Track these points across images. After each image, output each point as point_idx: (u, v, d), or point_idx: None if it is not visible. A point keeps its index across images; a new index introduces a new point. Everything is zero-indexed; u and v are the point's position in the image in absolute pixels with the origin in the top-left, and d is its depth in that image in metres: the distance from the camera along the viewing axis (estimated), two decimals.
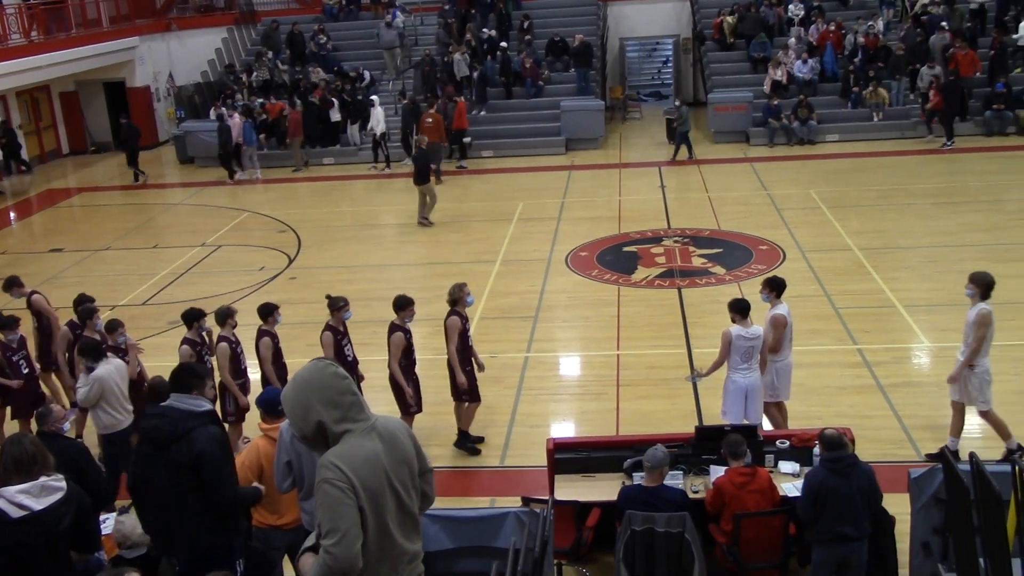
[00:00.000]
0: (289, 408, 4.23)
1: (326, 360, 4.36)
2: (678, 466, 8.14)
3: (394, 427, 4.36)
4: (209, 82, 30.72)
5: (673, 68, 34.54)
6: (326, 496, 4.07)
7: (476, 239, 18.82)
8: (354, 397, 4.24)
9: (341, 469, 4.07)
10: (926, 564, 7.04)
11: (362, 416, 4.24)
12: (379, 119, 25.05)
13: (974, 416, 10.56)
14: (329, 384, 4.19)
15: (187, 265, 18.16)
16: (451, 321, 10.13)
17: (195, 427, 5.74)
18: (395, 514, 4.24)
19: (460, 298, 10.24)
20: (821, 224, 18.10)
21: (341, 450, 4.15)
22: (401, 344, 10.04)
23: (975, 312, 9.32)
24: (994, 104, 24.64)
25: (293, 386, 4.24)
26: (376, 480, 4.14)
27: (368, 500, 4.10)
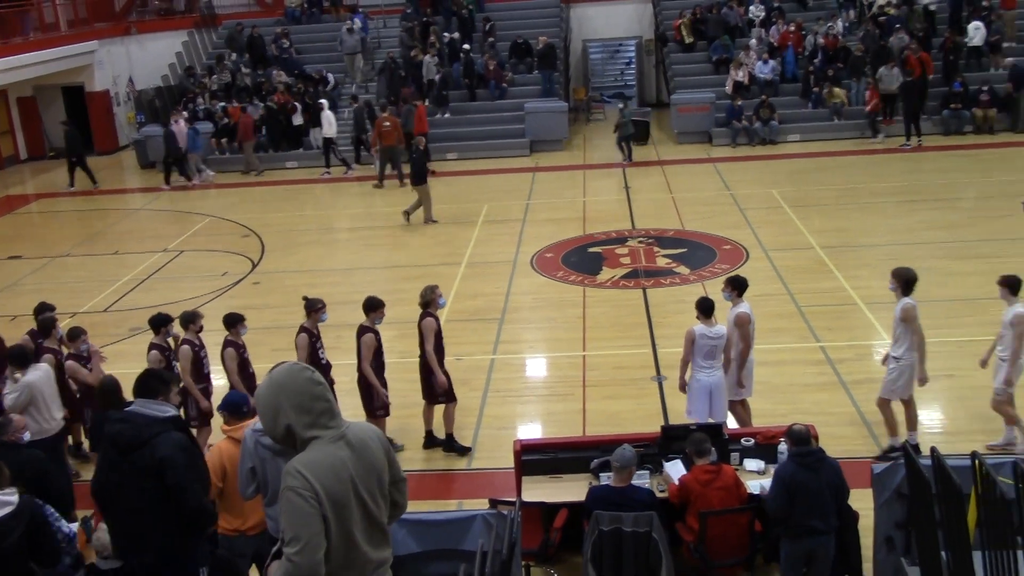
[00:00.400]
0: (260, 408, 4.20)
1: (302, 364, 4.32)
2: (645, 466, 8.17)
3: (366, 435, 4.31)
4: (170, 86, 30.45)
5: (636, 70, 34.69)
6: (289, 504, 4.03)
7: (441, 241, 18.80)
8: (326, 404, 4.20)
9: (305, 477, 4.03)
10: (889, 558, 7.12)
11: (333, 424, 4.20)
12: (330, 123, 24.90)
13: (935, 412, 10.72)
14: (302, 389, 4.15)
15: (149, 271, 17.98)
16: (426, 323, 10.11)
17: (159, 433, 5.67)
18: (361, 523, 4.20)
19: (432, 300, 10.23)
20: (783, 223, 18.26)
21: (307, 457, 4.11)
22: (372, 345, 10.01)
23: (900, 308, 9.48)
24: (951, 103, 24.99)
25: (266, 387, 4.20)
26: (341, 489, 4.10)
27: (332, 509, 4.06)
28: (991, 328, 12.62)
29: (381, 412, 10.21)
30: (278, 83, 27.91)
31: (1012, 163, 22.05)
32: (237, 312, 10.31)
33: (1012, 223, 17.25)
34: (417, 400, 10.97)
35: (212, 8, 33.31)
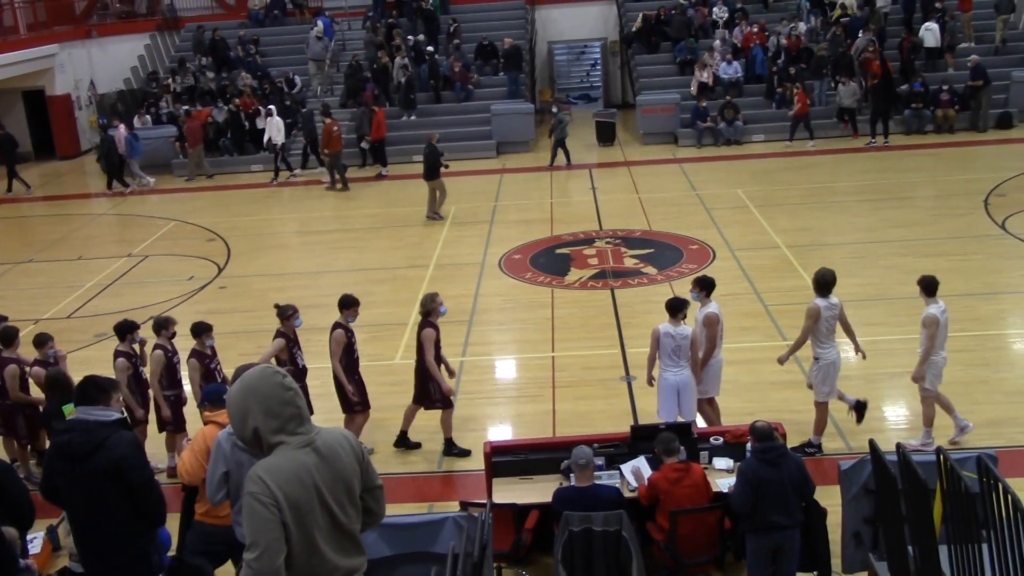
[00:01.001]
0: (231, 410, 4.17)
1: (274, 367, 4.29)
2: (615, 466, 8.21)
3: (336, 442, 4.25)
4: (132, 89, 30.18)
5: (601, 71, 34.81)
6: (249, 509, 4.01)
7: (409, 244, 18.76)
8: (295, 409, 4.16)
9: (266, 483, 4.00)
10: (857, 553, 7.19)
11: (301, 430, 4.16)
12: (278, 129, 24.62)
13: (900, 408, 10.84)
14: (272, 393, 4.12)
15: (113, 276, 17.79)
16: (426, 333, 10.05)
17: (110, 435, 5.72)
18: (326, 531, 4.16)
19: (433, 309, 10.18)
20: (749, 223, 18.40)
21: (269, 463, 4.08)
22: (342, 341, 9.99)
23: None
24: (912, 103, 25.30)
25: (238, 388, 4.17)
26: (304, 496, 4.06)
27: (292, 515, 4.03)
28: (955, 325, 12.73)
29: (359, 407, 10.17)
30: (243, 86, 27.73)
31: (973, 162, 22.37)
32: (204, 322, 10.18)
33: (973, 221, 17.49)
34: (386, 403, 10.96)
35: (174, 11, 33.01)
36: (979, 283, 14.46)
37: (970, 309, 13.39)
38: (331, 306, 14.34)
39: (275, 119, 24.74)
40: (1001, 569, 4.59)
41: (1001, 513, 4.47)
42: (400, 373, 12.44)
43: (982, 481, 4.64)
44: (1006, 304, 13.96)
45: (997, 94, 25.41)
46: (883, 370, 11.61)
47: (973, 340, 12.44)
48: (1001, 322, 13.31)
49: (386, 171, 25.00)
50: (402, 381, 12.15)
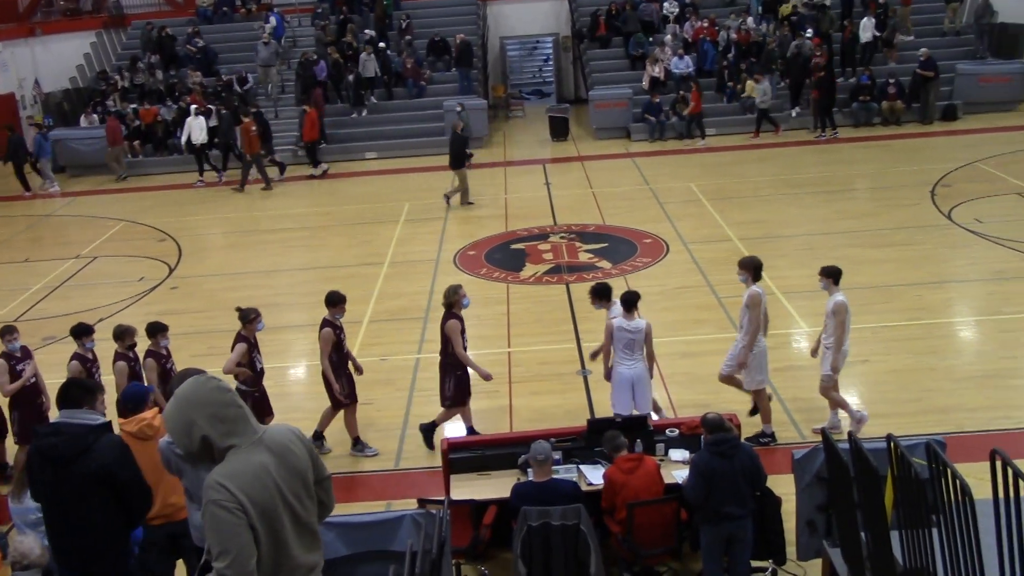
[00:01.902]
0: (171, 427, 4.09)
1: (206, 375, 4.24)
2: (572, 459, 8.23)
3: (285, 438, 4.24)
4: (78, 88, 29.68)
5: (554, 66, 34.87)
6: (214, 518, 3.96)
7: (362, 241, 18.65)
8: (239, 410, 4.13)
9: (228, 488, 3.96)
10: (812, 541, 7.28)
11: (248, 430, 4.13)
12: (200, 128, 24.31)
13: (852, 396, 10.97)
14: (212, 399, 4.07)
15: (61, 278, 17.49)
16: (451, 324, 10.01)
17: (96, 439, 5.67)
18: (291, 527, 4.15)
19: (456, 301, 10.13)
20: (702, 216, 18.54)
21: (227, 468, 4.04)
22: (330, 339, 9.96)
23: (747, 295, 9.75)
24: (860, 96, 25.64)
25: (174, 404, 4.10)
26: (267, 495, 4.04)
27: (259, 517, 4.01)
28: (904, 314, 13.05)
29: (346, 402, 10.18)
30: (192, 84, 27.38)
31: (920, 153, 22.73)
32: (160, 322, 10.04)
33: (920, 211, 17.78)
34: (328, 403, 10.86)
35: (120, 8, 32.52)
36: (926, 272, 14.70)
37: (918, 298, 13.61)
38: (285, 305, 14.29)
39: (197, 119, 24.39)
40: (950, 552, 4.67)
41: (950, 498, 4.55)
42: None
43: (931, 467, 4.71)
44: (953, 292, 14.21)
45: (943, 86, 25.84)
46: None
47: (921, 328, 12.65)
48: (948, 310, 13.55)
49: (317, 171, 24.51)
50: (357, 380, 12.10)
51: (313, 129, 24.47)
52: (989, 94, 25.89)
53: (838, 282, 9.80)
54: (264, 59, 27.78)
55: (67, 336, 10.15)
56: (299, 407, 11.37)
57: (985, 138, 23.40)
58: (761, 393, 9.99)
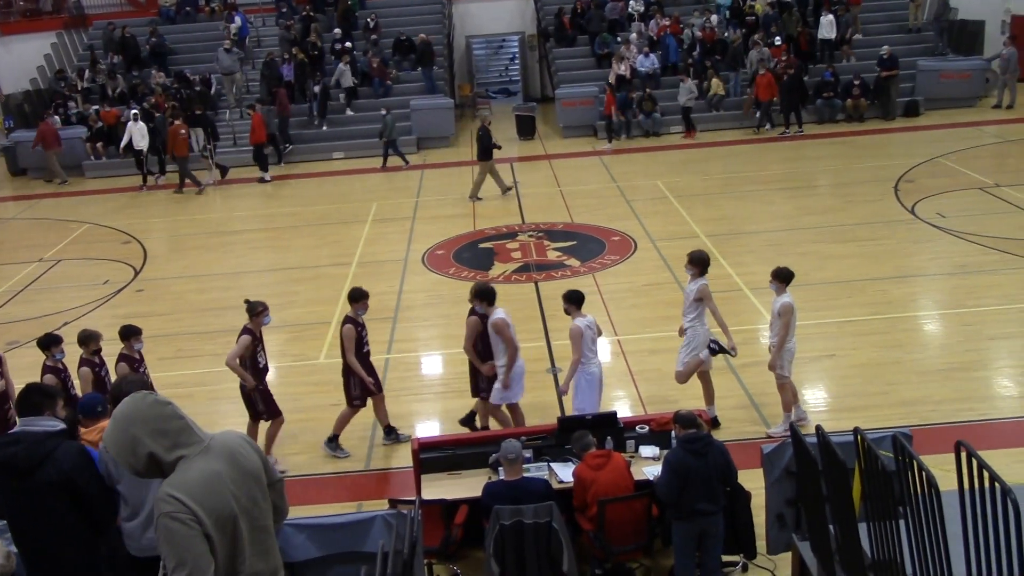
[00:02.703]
0: (115, 448, 4.02)
1: (143, 392, 4.18)
2: (543, 457, 8.25)
3: (233, 443, 4.20)
4: (39, 89, 29.31)
5: (520, 65, 34.89)
6: (167, 531, 3.90)
7: (330, 242, 18.57)
8: (181, 421, 4.07)
9: (180, 500, 3.90)
10: (781, 535, 7.33)
11: (194, 439, 4.08)
12: (141, 134, 24.01)
13: (818, 391, 11.09)
14: (152, 414, 4.01)
15: (24, 282, 17.27)
16: (472, 321, 10.05)
17: (57, 446, 5.56)
18: (248, 533, 4.10)
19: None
20: (669, 213, 18.63)
21: (178, 479, 3.98)
22: (352, 336, 9.92)
23: (695, 288, 9.94)
24: (824, 93, 25.88)
25: (114, 425, 4.02)
26: (221, 503, 4.00)
27: (215, 526, 3.96)
28: (869, 308, 13.18)
29: (358, 403, 10.16)
30: (155, 84, 27.12)
31: (883, 149, 22.99)
32: (134, 325, 9.91)
33: (884, 207, 17.97)
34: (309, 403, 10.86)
35: (81, 8, 32.14)
36: (890, 267, 14.86)
37: (882, 292, 13.76)
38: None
39: (138, 124, 24.08)
40: (917, 543, 4.72)
41: (916, 490, 4.60)
42: (324, 373, 12.32)
43: (898, 459, 4.76)
44: (917, 287, 14.38)
45: (904, 83, 26.14)
46: (800, 355, 11.82)
47: (886, 323, 12.78)
48: (912, 304, 13.70)
49: (267, 176, 24.23)
50: (327, 381, 12.05)
51: (258, 131, 24.13)
52: (950, 90, 26.24)
53: (787, 283, 9.88)
54: (226, 67, 27.36)
55: (31, 341, 10.02)
56: None
57: (946, 134, 23.70)
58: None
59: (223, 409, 10.91)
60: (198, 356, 10.80)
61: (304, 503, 8.83)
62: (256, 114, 24.34)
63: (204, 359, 11.06)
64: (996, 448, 9.06)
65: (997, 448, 9.08)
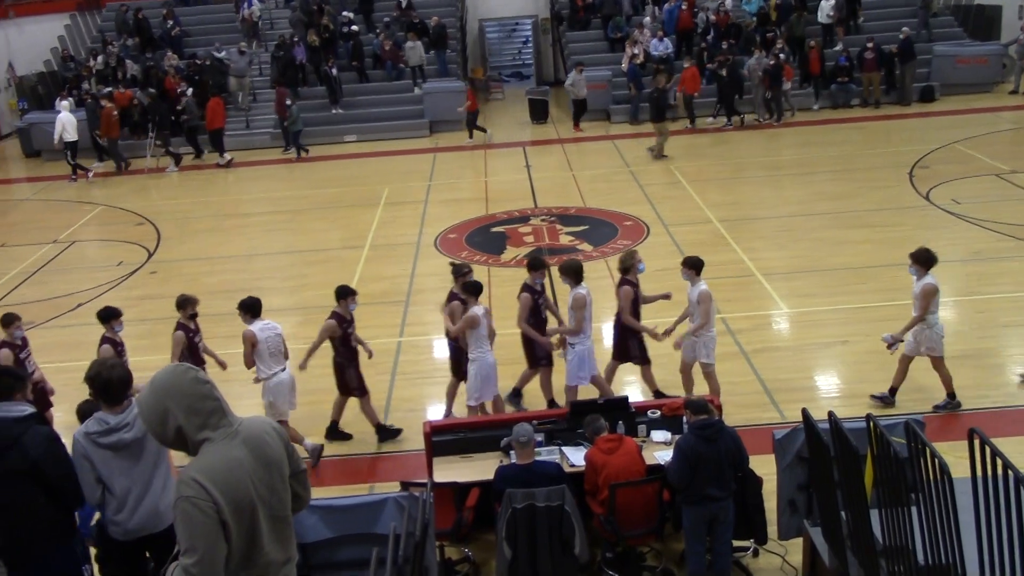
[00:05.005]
0: (146, 415, 4.05)
1: (185, 365, 4.21)
2: (554, 441, 8.26)
3: (261, 430, 4.22)
4: (53, 71, 29.37)
5: (533, 48, 34.77)
6: (185, 515, 3.94)
7: (343, 225, 18.59)
8: (215, 403, 4.09)
9: (202, 485, 3.93)
10: (793, 520, 7.34)
11: (224, 422, 4.10)
12: (68, 125, 23.61)
13: (831, 376, 11.07)
14: (188, 390, 4.03)
15: (39, 263, 17.35)
16: (624, 291, 10.02)
17: (24, 432, 5.54)
18: (266, 522, 4.12)
19: (632, 265, 10.11)
20: (682, 198, 18.57)
21: (201, 463, 4.01)
22: (529, 304, 10.13)
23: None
24: (838, 78, 25.71)
25: (150, 392, 4.05)
26: (241, 491, 4.01)
27: (233, 513, 3.98)
28: (883, 294, 13.13)
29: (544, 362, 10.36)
30: (168, 67, 27.12)
31: (898, 135, 22.86)
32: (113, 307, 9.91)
33: (898, 193, 17.88)
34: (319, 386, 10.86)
35: None
36: (904, 253, 14.57)
37: (896, 278, 13.67)
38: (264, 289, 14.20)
39: (66, 114, 23.74)
40: (929, 530, 4.72)
41: (928, 477, 4.60)
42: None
43: (910, 446, 4.76)
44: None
45: (920, 68, 25.95)
46: (813, 340, 11.85)
47: (898, 309, 12.66)
48: None
49: (223, 160, 24.30)
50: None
51: (215, 117, 24.16)
52: (966, 75, 26.05)
53: (699, 272, 9.93)
54: (239, 68, 27.08)
55: (47, 321, 10.07)
56: None
57: (962, 119, 23.54)
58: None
59: (234, 391, 10.88)
60: (209, 339, 10.83)
61: (316, 485, 8.86)
62: (213, 99, 24.42)
63: (216, 341, 11.06)
64: (1009, 436, 9.02)
65: (1010, 436, 9.05)
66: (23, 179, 25.14)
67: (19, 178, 25.37)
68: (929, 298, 9.76)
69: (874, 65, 25.43)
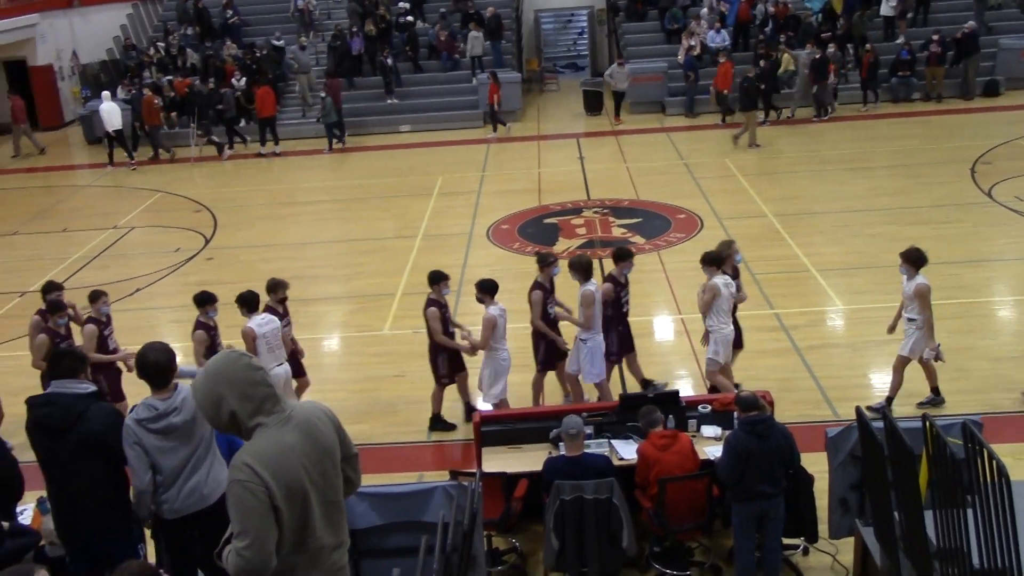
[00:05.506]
0: (200, 400, 4.13)
1: (239, 351, 4.28)
2: (603, 434, 8.25)
3: (313, 415, 4.27)
4: (115, 60, 29.87)
5: (588, 40, 34.63)
6: (237, 498, 4.01)
7: (396, 214, 18.70)
8: (268, 389, 4.15)
9: (253, 469, 3.99)
10: (844, 519, 7.26)
11: (277, 408, 4.16)
12: (113, 114, 23.97)
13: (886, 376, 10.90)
14: (242, 377, 4.10)
15: (99, 248, 17.69)
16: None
17: (87, 408, 5.72)
18: (318, 507, 4.18)
19: (729, 256, 10.17)
20: (737, 192, 18.40)
21: (254, 448, 4.07)
22: (610, 296, 10.20)
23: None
24: (899, 71, 25.27)
25: (204, 378, 4.12)
26: (292, 476, 4.07)
27: (285, 498, 4.04)
28: (941, 293, 12.85)
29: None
30: (227, 56, 27.45)
31: (961, 129, 22.39)
32: (99, 289, 10.17)
33: (959, 189, 17.54)
34: (374, 374, 10.99)
35: None
36: (965, 251, 14.51)
37: (956, 277, 13.45)
38: (319, 277, 14.38)
39: (108, 104, 24.07)
40: (985, 533, 4.64)
41: (985, 478, 4.52)
42: (388, 344, 12.46)
43: (967, 447, 4.68)
44: (991, 271, 14.03)
45: (984, 62, 25.40)
46: (869, 338, 11.66)
47: (959, 307, 12.51)
48: (986, 289, 13.38)
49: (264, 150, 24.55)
50: (391, 352, 12.19)
51: (264, 104, 24.41)
52: None
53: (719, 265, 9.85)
54: (304, 64, 27.04)
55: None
56: (332, 378, 11.47)
57: None
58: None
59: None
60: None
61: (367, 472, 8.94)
62: (260, 88, 24.64)
63: None
64: None
65: None
66: (85, 165, 25.62)
67: (81, 164, 25.87)
68: (927, 298, 9.67)
69: (938, 59, 24.95)
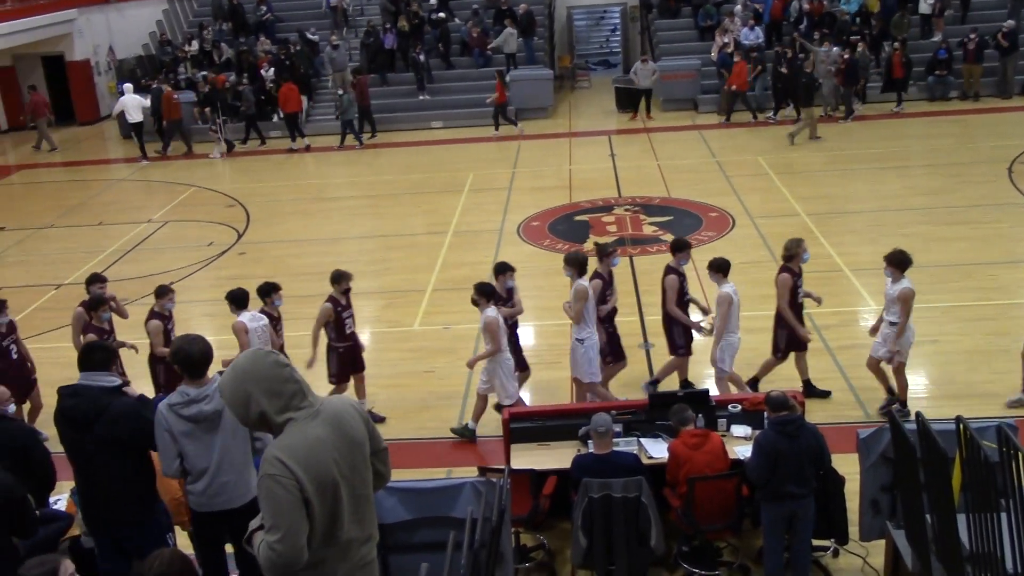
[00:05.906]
0: (229, 399, 4.15)
1: (266, 349, 4.31)
2: (632, 432, 8.23)
3: (342, 410, 4.29)
4: (151, 55, 30.14)
5: (621, 36, 34.53)
6: (269, 492, 4.03)
7: (427, 210, 18.74)
8: (296, 385, 4.17)
9: (285, 464, 4.02)
10: (875, 521, 7.20)
11: (305, 403, 4.18)
12: (133, 107, 24.28)
13: (920, 376, 10.79)
14: (270, 374, 4.12)
15: (134, 242, 17.88)
16: (782, 279, 10.13)
17: (113, 401, 5.80)
18: (347, 501, 4.20)
19: (796, 254, 10.17)
20: (769, 190, 18.28)
21: (284, 442, 4.10)
22: (676, 286, 10.20)
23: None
24: (936, 70, 24.98)
25: (232, 376, 4.14)
26: (323, 469, 4.09)
27: (315, 492, 4.06)
28: (977, 293, 12.77)
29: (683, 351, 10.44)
30: (261, 51, 27.62)
31: (998, 128, 22.10)
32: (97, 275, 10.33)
33: (996, 189, 17.32)
34: (403, 370, 11.02)
35: None
36: (1001, 251, 14.33)
37: (992, 278, 13.29)
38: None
39: (128, 96, 24.31)
40: (1019, 538, 4.59)
41: (1020, 482, 4.47)
42: (418, 339, 12.50)
43: (1002, 451, 4.63)
44: None
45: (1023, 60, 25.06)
46: None
47: (995, 309, 12.36)
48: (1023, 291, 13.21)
49: (296, 145, 24.70)
50: (420, 347, 12.23)
51: (287, 101, 24.58)
52: None
53: (726, 274, 9.78)
54: (339, 63, 27.02)
55: (141, 299, 10.38)
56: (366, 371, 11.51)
57: None
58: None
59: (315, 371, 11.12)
60: (294, 319, 11.07)
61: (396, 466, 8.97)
62: (285, 84, 24.75)
63: (300, 322, 11.31)
64: None
65: None
66: (120, 160, 25.90)
67: (116, 159, 26.15)
68: (910, 303, 9.53)
69: (975, 55, 24.64)
